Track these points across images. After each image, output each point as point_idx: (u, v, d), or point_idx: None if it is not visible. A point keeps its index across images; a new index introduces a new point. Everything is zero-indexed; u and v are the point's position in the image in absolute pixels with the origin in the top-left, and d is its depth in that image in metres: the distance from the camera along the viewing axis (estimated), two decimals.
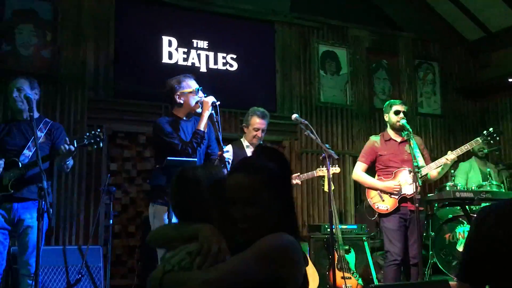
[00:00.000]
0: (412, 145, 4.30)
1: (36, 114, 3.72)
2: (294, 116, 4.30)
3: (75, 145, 3.59)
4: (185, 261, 1.67)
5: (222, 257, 1.65)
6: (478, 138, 4.55)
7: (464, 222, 5.34)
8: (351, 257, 5.35)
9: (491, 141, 4.55)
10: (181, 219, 1.88)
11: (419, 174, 4.16)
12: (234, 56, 6.56)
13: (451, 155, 4.41)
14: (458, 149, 4.46)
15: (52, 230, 5.21)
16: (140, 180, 5.90)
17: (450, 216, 5.57)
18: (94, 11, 5.90)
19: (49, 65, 5.60)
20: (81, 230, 5.47)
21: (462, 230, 5.40)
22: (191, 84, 3.77)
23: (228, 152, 3.64)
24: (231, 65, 6.54)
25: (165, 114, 5.82)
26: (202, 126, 3.68)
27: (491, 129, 4.54)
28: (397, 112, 4.55)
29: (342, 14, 7.30)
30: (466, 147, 4.50)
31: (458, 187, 5.37)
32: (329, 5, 7.24)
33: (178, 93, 3.75)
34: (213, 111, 3.66)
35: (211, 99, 3.69)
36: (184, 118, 3.79)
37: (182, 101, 3.76)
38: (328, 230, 4.60)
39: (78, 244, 5.26)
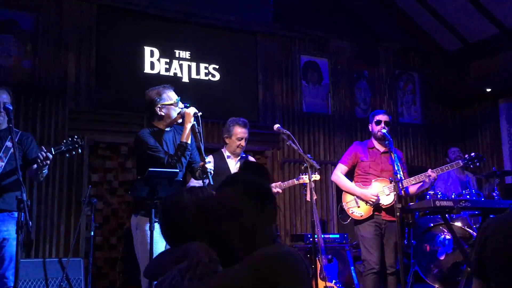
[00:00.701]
0: (393, 156, 4.34)
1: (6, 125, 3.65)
2: (276, 126, 4.31)
3: (53, 152, 3.55)
4: (175, 279, 1.62)
5: (213, 267, 1.61)
6: (460, 161, 4.63)
7: (445, 230, 5.41)
8: (333, 266, 5.37)
9: (471, 166, 4.62)
10: (170, 244, 1.89)
11: (399, 184, 4.20)
12: (217, 67, 6.58)
13: (431, 173, 4.46)
14: (439, 168, 4.51)
15: (32, 243, 5.14)
16: (122, 191, 5.86)
17: (431, 224, 5.63)
18: (76, 22, 5.88)
19: (29, 75, 5.55)
20: (62, 242, 5.41)
21: (443, 239, 5.45)
22: (171, 95, 3.74)
23: (210, 163, 3.62)
24: (213, 76, 6.55)
25: (146, 126, 5.82)
26: (185, 137, 3.67)
27: (472, 153, 4.62)
28: (378, 122, 4.59)
29: (324, 25, 7.38)
30: (447, 168, 4.56)
31: (438, 196, 5.43)
32: (311, 16, 7.32)
33: (159, 106, 3.69)
34: (195, 122, 3.64)
35: (192, 110, 3.67)
36: (166, 130, 3.78)
37: (163, 114, 3.71)
38: (311, 239, 4.61)
39: (59, 256, 5.19)
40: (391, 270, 4.39)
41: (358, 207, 4.50)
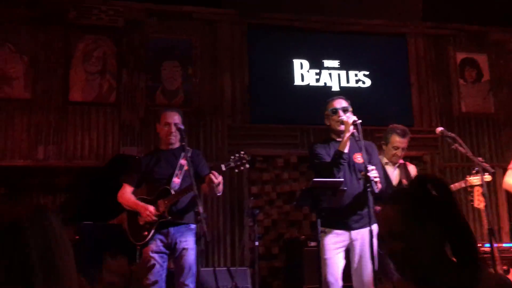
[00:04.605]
0: None
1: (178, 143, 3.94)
2: (440, 129, 4.08)
3: (223, 169, 3.74)
4: None
5: None
6: None
7: None
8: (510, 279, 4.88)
9: None
10: None
11: None
12: (367, 73, 6.46)
13: None
14: None
15: (203, 252, 5.48)
16: (281, 202, 6.00)
17: None
18: (228, 43, 6.22)
19: (191, 97, 5.98)
20: (228, 252, 5.69)
21: None
22: (331, 105, 3.79)
23: (374, 170, 3.52)
24: (363, 82, 6.45)
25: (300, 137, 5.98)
26: (342, 146, 3.64)
27: None
28: None
29: (480, 18, 6.85)
30: None
31: None
32: (465, 9, 6.84)
33: (325, 115, 3.81)
34: (354, 130, 3.60)
35: (351, 118, 3.65)
36: (338, 139, 3.79)
37: (327, 123, 3.81)
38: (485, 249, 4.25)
39: (226, 265, 5.46)
40: None
41: None
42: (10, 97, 5.58)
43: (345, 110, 3.74)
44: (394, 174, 4.40)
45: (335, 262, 3.52)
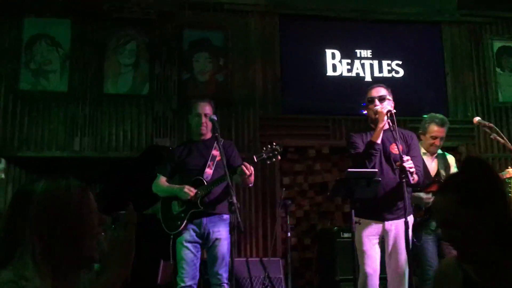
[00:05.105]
0: None
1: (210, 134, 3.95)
2: (477, 119, 3.99)
3: (255, 160, 3.73)
4: None
5: None
6: None
7: None
8: None
9: None
10: None
11: None
12: (400, 62, 6.36)
13: None
14: None
15: (235, 244, 5.51)
16: (312, 193, 5.97)
17: None
18: (260, 34, 6.20)
19: (223, 88, 6.00)
20: (261, 242, 5.70)
21: None
22: (369, 93, 3.72)
23: (409, 161, 3.46)
24: (396, 72, 6.35)
25: (332, 129, 5.92)
26: (375, 136, 3.58)
27: None
28: None
29: None
30: None
31: None
32: None
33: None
34: (389, 120, 3.53)
35: (385, 108, 3.58)
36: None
37: (366, 113, 3.75)
38: None
39: (259, 256, 5.48)
40: None
41: None
42: (47, 90, 5.71)
43: (382, 99, 3.66)
44: (432, 164, 4.31)
45: (373, 254, 3.49)
